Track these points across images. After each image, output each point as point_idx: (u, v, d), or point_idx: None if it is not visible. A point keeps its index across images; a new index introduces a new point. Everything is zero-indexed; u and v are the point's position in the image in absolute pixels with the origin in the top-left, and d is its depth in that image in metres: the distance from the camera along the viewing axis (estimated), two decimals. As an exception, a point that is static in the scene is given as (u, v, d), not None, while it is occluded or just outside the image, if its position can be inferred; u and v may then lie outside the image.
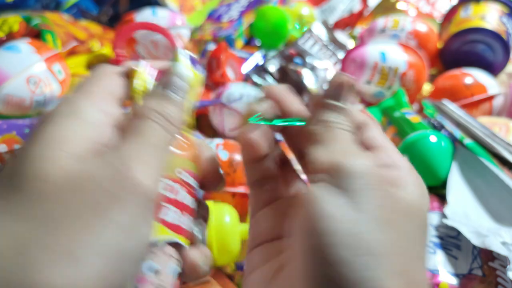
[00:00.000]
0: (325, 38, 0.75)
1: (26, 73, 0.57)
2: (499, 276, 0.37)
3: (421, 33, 0.69)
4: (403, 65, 0.61)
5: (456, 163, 0.50)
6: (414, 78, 0.61)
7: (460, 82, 0.60)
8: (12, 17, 0.68)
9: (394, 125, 0.56)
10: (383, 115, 0.58)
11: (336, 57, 0.73)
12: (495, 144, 0.48)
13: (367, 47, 0.63)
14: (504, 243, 0.38)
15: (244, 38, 0.79)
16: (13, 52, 0.58)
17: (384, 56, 0.61)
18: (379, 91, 0.62)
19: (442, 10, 0.84)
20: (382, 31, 0.70)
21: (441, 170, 0.49)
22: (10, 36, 0.65)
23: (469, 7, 0.70)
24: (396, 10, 0.83)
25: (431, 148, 0.50)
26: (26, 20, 0.68)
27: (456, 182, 0.48)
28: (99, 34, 0.79)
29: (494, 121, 0.55)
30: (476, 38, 0.65)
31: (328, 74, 0.69)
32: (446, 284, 0.38)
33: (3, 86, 0.55)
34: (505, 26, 0.66)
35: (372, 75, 0.61)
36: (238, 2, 0.86)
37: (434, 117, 0.56)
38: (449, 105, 0.56)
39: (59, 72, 0.61)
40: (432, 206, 0.46)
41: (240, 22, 0.79)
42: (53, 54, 0.61)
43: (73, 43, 0.74)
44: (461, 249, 0.41)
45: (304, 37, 0.74)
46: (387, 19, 0.72)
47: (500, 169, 0.46)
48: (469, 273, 0.38)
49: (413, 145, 0.51)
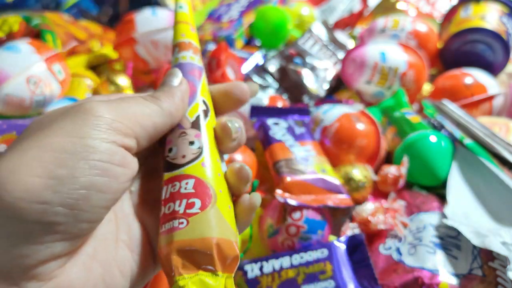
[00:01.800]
0: (325, 38, 0.75)
1: (26, 73, 0.57)
2: (499, 276, 0.37)
3: (421, 33, 0.69)
4: (403, 65, 0.61)
5: (456, 163, 0.50)
6: (414, 78, 0.61)
7: (460, 82, 0.60)
8: (12, 17, 0.68)
9: (394, 125, 0.56)
10: (383, 115, 0.58)
11: (336, 57, 0.73)
12: (495, 144, 0.48)
13: (367, 47, 0.63)
14: (504, 243, 0.38)
15: (244, 38, 0.79)
16: (13, 52, 0.58)
17: (384, 56, 0.61)
18: (379, 91, 0.62)
19: (442, 10, 0.84)
20: (382, 31, 0.70)
21: (441, 170, 0.49)
22: (10, 36, 0.65)
23: (469, 7, 0.70)
24: (396, 10, 0.83)
25: (431, 148, 0.50)
26: (26, 20, 0.68)
27: (456, 182, 0.48)
28: (99, 34, 0.79)
29: (494, 121, 0.55)
30: (476, 38, 0.65)
31: (328, 74, 0.69)
32: (446, 284, 0.38)
33: (3, 86, 0.55)
34: (505, 26, 0.66)
35: (372, 75, 0.61)
36: (238, 2, 0.86)
37: (434, 117, 0.56)
38: (449, 105, 0.56)
39: (59, 72, 0.61)
40: (432, 206, 0.46)
41: (240, 22, 0.79)
42: (53, 54, 0.61)
43: (73, 43, 0.74)
44: (461, 249, 0.41)
45: (304, 37, 0.74)
46: (387, 19, 0.72)
47: (500, 169, 0.46)
48: (469, 273, 0.38)
49: (413, 145, 0.51)
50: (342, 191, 0.47)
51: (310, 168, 0.47)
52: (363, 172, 0.50)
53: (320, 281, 0.40)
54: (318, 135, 0.54)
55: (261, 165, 0.51)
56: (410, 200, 0.48)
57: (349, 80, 0.65)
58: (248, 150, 0.51)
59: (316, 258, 0.41)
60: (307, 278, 0.40)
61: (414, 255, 0.41)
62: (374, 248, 0.45)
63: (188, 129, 0.23)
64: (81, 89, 0.65)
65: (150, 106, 0.22)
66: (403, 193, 0.50)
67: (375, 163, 0.53)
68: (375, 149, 0.53)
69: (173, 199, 0.21)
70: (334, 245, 0.42)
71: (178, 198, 0.21)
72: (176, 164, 0.22)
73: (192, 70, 0.26)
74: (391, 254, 0.43)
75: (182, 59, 0.26)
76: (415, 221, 0.45)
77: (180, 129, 0.24)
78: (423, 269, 0.39)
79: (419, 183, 0.51)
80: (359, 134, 0.52)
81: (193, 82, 0.25)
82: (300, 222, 0.43)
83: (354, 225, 0.46)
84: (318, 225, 0.44)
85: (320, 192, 0.46)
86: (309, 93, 0.66)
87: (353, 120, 0.53)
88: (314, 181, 0.46)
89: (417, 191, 0.50)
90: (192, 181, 0.22)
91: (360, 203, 0.48)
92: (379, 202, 0.47)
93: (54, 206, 0.17)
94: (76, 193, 0.18)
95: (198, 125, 0.24)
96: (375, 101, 0.63)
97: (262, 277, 0.41)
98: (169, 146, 0.23)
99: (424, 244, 0.41)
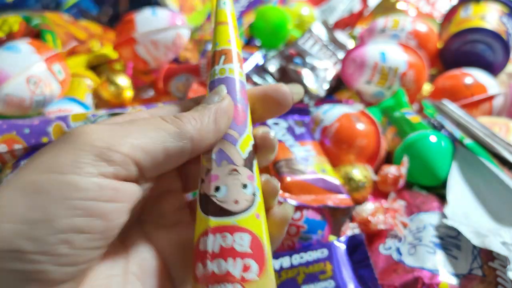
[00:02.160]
0: (325, 38, 0.75)
1: (26, 73, 0.57)
2: (499, 276, 0.37)
3: (421, 33, 0.69)
4: (403, 65, 0.61)
5: (456, 163, 0.50)
6: (414, 78, 0.61)
7: (460, 82, 0.60)
8: (12, 17, 0.68)
9: (394, 125, 0.56)
10: (383, 115, 0.58)
11: (336, 57, 0.73)
12: (495, 144, 0.48)
13: (367, 47, 0.63)
14: (504, 243, 0.38)
15: (244, 38, 0.79)
16: (13, 52, 0.58)
17: (384, 56, 0.61)
18: (379, 91, 0.62)
19: (442, 10, 0.84)
20: (382, 31, 0.70)
21: (441, 170, 0.49)
22: (10, 36, 0.65)
23: (469, 7, 0.70)
24: (396, 10, 0.83)
25: (431, 148, 0.50)
26: (26, 20, 0.68)
27: (456, 182, 0.48)
28: (99, 34, 0.79)
29: (494, 121, 0.55)
30: (476, 38, 0.65)
31: (328, 74, 0.69)
32: (446, 284, 0.38)
33: (3, 86, 0.55)
34: (505, 26, 0.66)
35: (372, 75, 0.61)
36: (238, 2, 0.86)
37: (434, 117, 0.56)
38: (449, 105, 0.56)
39: (59, 72, 0.61)
40: (432, 206, 0.46)
41: (240, 22, 0.79)
42: (53, 54, 0.61)
43: (73, 43, 0.74)
44: (461, 249, 0.41)
45: (304, 37, 0.74)
46: (387, 19, 0.72)
47: (500, 169, 0.46)
48: (469, 273, 0.38)
49: (413, 145, 0.51)
50: (342, 191, 0.47)
51: (310, 168, 0.47)
52: (363, 172, 0.50)
53: (320, 281, 0.40)
54: (318, 135, 0.54)
55: (261, 165, 0.51)
56: (410, 200, 0.48)
57: (349, 80, 0.65)
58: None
59: (316, 258, 0.41)
60: (307, 278, 0.40)
61: (414, 255, 0.41)
62: (374, 248, 0.45)
63: (241, 167, 0.20)
64: (81, 89, 0.65)
65: (165, 128, 0.19)
66: (403, 193, 0.50)
67: (375, 163, 0.53)
68: (375, 149, 0.53)
69: (225, 255, 0.18)
70: (334, 245, 0.42)
71: (232, 256, 0.18)
72: (226, 210, 0.19)
73: (242, 90, 0.22)
74: (391, 254, 0.43)
75: (230, 73, 0.21)
76: (415, 221, 0.45)
77: (231, 164, 0.20)
78: (423, 269, 0.39)
79: (419, 183, 0.51)
80: (359, 134, 0.52)
81: (243, 106, 0.21)
82: (300, 222, 0.43)
83: (354, 225, 0.46)
84: (318, 225, 0.44)
85: (320, 192, 0.46)
86: (309, 93, 0.66)
87: (353, 120, 0.53)
88: (314, 181, 0.46)
89: (417, 191, 0.50)
90: (248, 237, 0.18)
91: (360, 203, 0.48)
92: (379, 202, 0.47)
93: (28, 253, 0.15)
94: (54, 238, 0.16)
95: (251, 164, 0.20)
96: (375, 101, 0.63)
97: (262, 277, 0.41)
98: (216, 184, 0.19)
99: (424, 244, 0.41)
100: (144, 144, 0.18)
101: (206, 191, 0.20)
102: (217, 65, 0.22)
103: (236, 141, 0.20)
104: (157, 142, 0.18)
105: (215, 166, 0.20)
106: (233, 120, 0.21)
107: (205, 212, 0.19)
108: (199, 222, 0.19)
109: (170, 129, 0.19)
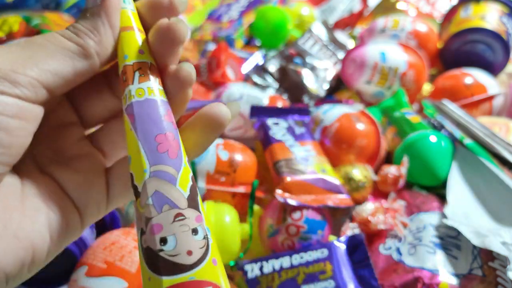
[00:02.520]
0: (325, 38, 0.75)
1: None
2: (499, 276, 0.37)
3: (421, 33, 0.69)
4: (403, 65, 0.61)
5: (456, 163, 0.50)
6: (414, 78, 0.61)
7: (460, 82, 0.60)
8: (12, 17, 0.68)
9: (394, 125, 0.56)
10: (383, 115, 0.58)
11: (336, 57, 0.73)
12: (495, 144, 0.48)
13: (367, 47, 0.63)
14: (504, 243, 0.38)
15: (244, 38, 0.79)
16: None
17: (384, 56, 0.61)
18: (379, 91, 0.62)
19: (442, 10, 0.84)
20: (382, 31, 0.70)
21: (441, 170, 0.49)
22: (10, 36, 0.65)
23: (469, 7, 0.70)
24: (396, 10, 0.83)
25: (431, 148, 0.50)
26: (26, 20, 0.68)
27: (456, 182, 0.48)
28: (99, 34, 0.79)
29: (494, 121, 0.55)
30: (476, 38, 0.65)
31: (328, 74, 0.69)
32: (446, 284, 0.38)
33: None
34: (505, 26, 0.66)
35: (372, 75, 0.61)
36: (238, 2, 0.86)
37: (434, 117, 0.56)
38: (449, 105, 0.56)
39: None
40: (432, 206, 0.46)
41: (240, 22, 0.79)
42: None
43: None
44: (461, 249, 0.41)
45: (304, 37, 0.74)
46: (387, 19, 0.72)
47: (500, 169, 0.46)
48: (469, 273, 0.38)
49: (413, 145, 0.51)
50: (342, 191, 0.47)
51: (310, 168, 0.47)
52: (363, 172, 0.50)
53: (320, 281, 0.40)
54: (318, 135, 0.54)
55: (261, 165, 0.51)
56: (410, 200, 0.48)
57: (349, 80, 0.65)
58: (248, 150, 0.51)
59: (316, 258, 0.41)
60: (307, 278, 0.40)
61: (414, 255, 0.41)
62: (374, 248, 0.45)
63: (186, 209, 0.17)
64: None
65: (69, 48, 0.19)
66: (403, 193, 0.50)
67: (375, 163, 0.53)
68: (375, 149, 0.53)
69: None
70: (334, 245, 0.42)
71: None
72: (181, 265, 0.16)
73: (167, 113, 0.19)
74: (391, 254, 0.43)
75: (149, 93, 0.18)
76: (415, 221, 0.45)
77: (174, 208, 0.17)
78: (423, 269, 0.39)
79: (419, 183, 0.51)
80: (359, 134, 0.52)
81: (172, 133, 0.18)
82: (300, 222, 0.43)
83: (354, 225, 0.46)
84: (318, 225, 0.44)
85: (320, 192, 0.46)
86: (309, 93, 0.66)
87: (353, 120, 0.53)
88: (314, 181, 0.46)
89: (417, 191, 0.50)
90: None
91: (360, 203, 0.48)
92: (379, 202, 0.47)
93: None
94: None
95: (196, 201, 0.17)
96: (375, 101, 0.63)
97: (262, 277, 0.41)
98: (161, 235, 0.16)
99: (424, 244, 0.41)
100: (53, 68, 0.18)
101: (150, 245, 0.17)
102: (131, 84, 0.19)
103: (175, 179, 0.17)
104: (66, 64, 0.19)
105: (156, 214, 0.17)
106: (166, 154, 0.18)
107: (154, 271, 0.16)
108: (148, 283, 0.16)
109: (74, 49, 0.19)
